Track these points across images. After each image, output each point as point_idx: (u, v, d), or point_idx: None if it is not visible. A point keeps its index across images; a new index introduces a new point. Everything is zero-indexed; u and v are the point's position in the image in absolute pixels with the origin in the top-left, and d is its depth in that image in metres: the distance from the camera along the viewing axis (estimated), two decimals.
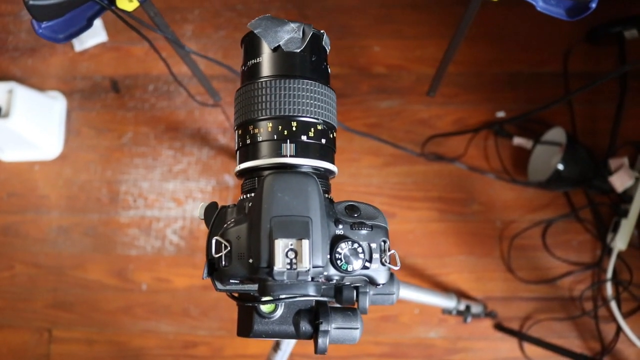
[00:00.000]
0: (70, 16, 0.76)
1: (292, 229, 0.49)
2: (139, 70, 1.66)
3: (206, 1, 1.69)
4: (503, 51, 1.60)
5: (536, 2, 0.75)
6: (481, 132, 1.55)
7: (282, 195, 0.50)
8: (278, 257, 0.48)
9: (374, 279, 0.53)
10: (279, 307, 0.61)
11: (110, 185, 1.59)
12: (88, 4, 0.76)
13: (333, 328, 0.60)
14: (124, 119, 1.63)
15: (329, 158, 0.56)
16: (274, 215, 0.49)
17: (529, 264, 1.47)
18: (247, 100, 0.55)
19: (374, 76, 1.62)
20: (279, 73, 0.55)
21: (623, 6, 1.55)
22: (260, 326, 0.61)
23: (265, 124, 0.54)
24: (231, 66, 1.09)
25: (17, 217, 1.59)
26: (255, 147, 0.54)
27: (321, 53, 0.58)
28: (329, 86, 0.57)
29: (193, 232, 1.55)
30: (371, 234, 0.53)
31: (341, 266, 0.51)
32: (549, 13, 0.75)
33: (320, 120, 0.55)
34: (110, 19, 1.69)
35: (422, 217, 1.52)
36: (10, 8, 1.73)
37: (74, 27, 0.78)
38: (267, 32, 0.55)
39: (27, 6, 0.70)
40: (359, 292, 0.68)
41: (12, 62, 1.68)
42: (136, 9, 0.81)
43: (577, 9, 0.73)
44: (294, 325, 0.61)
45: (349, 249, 0.51)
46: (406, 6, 1.66)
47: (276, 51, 0.55)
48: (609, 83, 1.54)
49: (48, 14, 0.74)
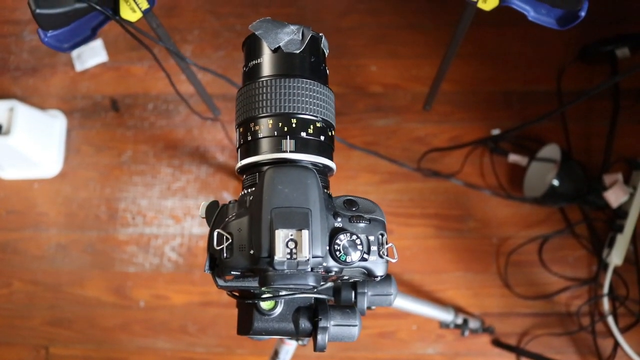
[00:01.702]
0: (75, 26, 0.78)
1: (292, 219, 0.50)
2: (139, 90, 1.68)
3: (205, 22, 1.72)
4: (497, 70, 1.63)
5: (527, 12, 0.77)
6: (476, 150, 1.57)
7: (283, 187, 0.51)
8: (278, 247, 0.49)
9: (372, 271, 0.54)
10: (278, 304, 0.61)
11: (109, 202, 1.60)
12: (92, 14, 0.78)
13: (332, 325, 0.61)
14: (124, 137, 1.65)
15: (328, 155, 0.57)
16: (274, 207, 0.50)
17: (526, 279, 1.48)
18: (248, 98, 0.57)
19: (370, 95, 1.64)
20: (279, 72, 0.56)
21: (614, 25, 1.58)
22: (260, 323, 0.61)
23: (265, 120, 0.55)
24: (230, 78, 1.11)
25: (16, 235, 1.60)
26: (256, 143, 0.56)
27: (320, 55, 0.59)
28: (327, 86, 0.58)
29: (191, 249, 1.56)
30: (369, 227, 0.54)
31: (340, 257, 0.52)
32: (540, 22, 0.77)
33: (319, 117, 0.56)
34: (110, 39, 1.72)
35: (418, 233, 1.53)
36: (13, 29, 1.76)
37: (79, 36, 0.80)
38: (267, 34, 0.57)
39: (34, 15, 0.72)
40: (357, 292, 0.70)
41: (14, 81, 1.71)
42: (139, 19, 0.83)
43: (567, 17, 0.75)
44: (294, 323, 0.62)
45: (348, 240, 0.52)
46: (402, 27, 1.69)
47: (276, 52, 0.57)
48: (602, 101, 1.56)
49: (54, 23, 0.75)
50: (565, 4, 0.74)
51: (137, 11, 0.81)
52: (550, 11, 0.76)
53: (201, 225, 1.57)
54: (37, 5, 0.72)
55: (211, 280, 1.57)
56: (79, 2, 0.75)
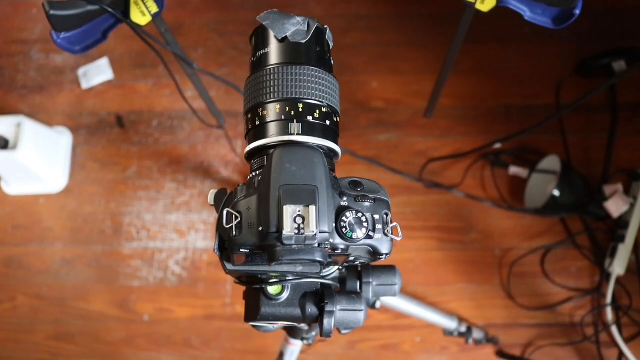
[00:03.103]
0: (87, 28, 0.80)
1: (300, 196, 0.51)
2: (144, 106, 1.71)
3: (210, 40, 1.76)
4: (497, 85, 1.66)
5: (524, 12, 0.80)
6: (477, 163, 1.58)
7: (290, 166, 0.53)
8: (287, 222, 0.50)
9: (378, 249, 0.55)
10: (285, 289, 0.62)
11: (114, 217, 1.62)
12: (104, 17, 0.80)
13: (338, 310, 0.62)
14: (129, 153, 1.67)
15: (333, 139, 0.59)
16: (282, 184, 0.52)
17: (529, 290, 1.48)
18: (256, 85, 0.58)
19: (372, 110, 1.67)
20: (286, 61, 0.58)
21: (610, 40, 1.61)
22: (267, 309, 0.62)
23: (273, 106, 0.57)
24: (235, 92, 1.13)
25: (21, 249, 1.61)
26: (263, 127, 0.57)
27: (325, 45, 0.61)
28: (332, 74, 0.60)
29: (195, 263, 1.56)
30: (374, 206, 0.55)
31: (346, 234, 0.53)
32: (537, 22, 0.80)
33: (324, 103, 0.58)
34: (116, 57, 1.76)
35: (421, 246, 1.54)
36: (21, 48, 1.79)
37: (90, 39, 0.82)
38: (274, 24, 0.59)
39: (47, 16, 0.75)
40: (362, 282, 0.71)
41: (21, 99, 1.73)
42: (149, 23, 0.85)
43: (563, 16, 0.78)
44: (300, 308, 0.62)
45: (354, 217, 0.53)
46: (402, 44, 1.72)
47: (283, 42, 0.59)
48: (601, 114, 1.58)
49: (67, 25, 0.78)
50: (560, 2, 0.76)
51: (146, 15, 0.83)
52: (546, 10, 0.78)
53: (205, 239, 1.58)
54: (51, 7, 0.75)
55: (215, 293, 1.59)
56: (91, 5, 0.77)
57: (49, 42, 1.79)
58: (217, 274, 1.55)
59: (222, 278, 1.54)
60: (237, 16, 1.80)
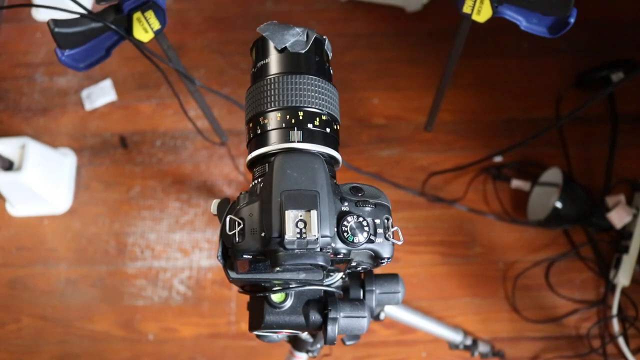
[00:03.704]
0: (91, 45, 0.82)
1: (301, 201, 0.52)
2: (147, 127, 1.72)
3: (211, 60, 1.78)
4: (497, 99, 1.67)
5: (520, 22, 0.81)
6: (479, 177, 1.59)
7: (292, 171, 0.53)
8: (289, 227, 0.51)
9: (379, 253, 0.55)
10: (289, 297, 0.63)
11: (118, 237, 1.62)
12: (107, 34, 0.82)
13: (342, 317, 0.62)
14: (132, 173, 1.68)
15: (334, 146, 0.60)
16: (283, 190, 0.52)
17: (534, 303, 1.48)
18: (257, 95, 0.59)
19: (373, 126, 1.68)
20: (286, 70, 0.59)
21: (608, 53, 1.63)
22: (271, 317, 0.63)
23: (274, 114, 0.58)
24: (236, 112, 1.15)
25: (26, 270, 1.61)
26: (265, 135, 0.58)
27: (324, 55, 0.63)
28: (332, 84, 0.61)
29: (200, 282, 1.56)
30: (375, 210, 0.56)
31: (347, 238, 0.53)
32: (533, 32, 0.81)
33: (324, 111, 0.59)
34: (119, 79, 1.77)
35: (425, 260, 1.54)
36: (25, 72, 1.81)
37: (94, 56, 0.84)
38: (274, 35, 0.60)
39: (52, 33, 0.76)
40: (366, 290, 0.71)
41: (25, 121, 1.75)
42: (151, 40, 0.86)
43: (558, 25, 0.79)
44: (304, 315, 0.63)
45: (355, 222, 0.54)
46: (403, 60, 1.74)
47: (283, 52, 0.60)
48: (601, 126, 1.59)
49: (71, 42, 0.79)
50: (554, 11, 0.77)
51: (149, 31, 0.85)
52: (541, 20, 0.80)
53: (209, 257, 1.59)
54: (56, 25, 0.76)
55: (220, 312, 1.59)
56: (94, 22, 0.79)
57: (52, 64, 1.81)
58: (222, 292, 1.55)
59: (226, 296, 1.54)
60: (238, 36, 1.82)
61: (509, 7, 0.80)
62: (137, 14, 0.81)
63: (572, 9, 0.77)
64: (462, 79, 1.68)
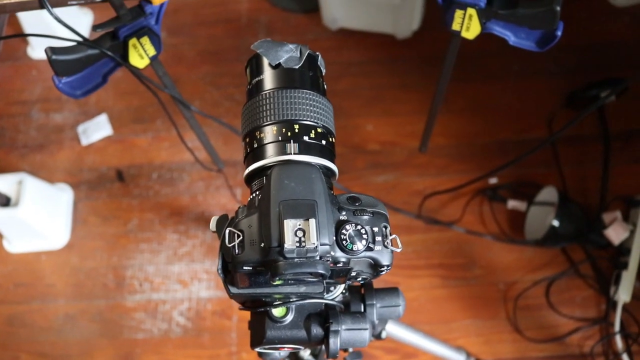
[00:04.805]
0: (88, 72, 0.83)
1: (300, 210, 0.52)
2: (143, 160, 1.73)
3: (206, 93, 1.80)
4: (490, 122, 1.69)
5: (508, 37, 0.82)
6: (475, 199, 1.60)
7: (289, 182, 0.54)
8: (288, 236, 0.51)
9: (379, 261, 0.56)
10: (290, 311, 0.63)
11: (116, 270, 1.62)
12: (104, 61, 0.83)
13: (343, 329, 0.62)
14: (129, 206, 1.68)
15: (330, 158, 0.60)
16: (281, 200, 0.53)
17: (536, 323, 1.47)
18: (253, 110, 0.60)
19: (368, 153, 1.69)
20: (280, 85, 0.60)
21: (597, 73, 1.65)
22: (273, 332, 0.62)
23: (270, 128, 0.59)
24: (232, 126, 1.16)
25: (24, 307, 1.60)
26: (261, 149, 0.59)
27: (317, 71, 0.64)
28: (326, 98, 0.62)
29: (199, 313, 1.55)
30: (372, 219, 0.56)
31: (346, 246, 0.54)
32: (521, 46, 0.82)
33: (320, 124, 0.60)
34: (115, 113, 1.79)
35: (425, 284, 1.54)
36: (21, 109, 1.83)
37: (91, 83, 0.85)
38: (268, 52, 0.61)
39: (50, 61, 0.77)
40: (366, 304, 0.71)
41: (22, 158, 1.76)
42: (147, 66, 0.88)
43: (545, 39, 0.81)
44: (305, 330, 0.63)
45: (353, 230, 0.54)
46: (395, 86, 1.76)
47: (277, 68, 0.61)
48: (594, 145, 1.61)
49: (68, 69, 0.80)
50: (541, 25, 0.79)
51: (144, 57, 0.86)
52: (529, 34, 0.81)
53: (208, 288, 1.58)
54: (53, 52, 0.78)
55: (221, 342, 1.58)
56: (91, 49, 0.80)
57: (48, 101, 1.83)
58: (222, 322, 1.54)
59: (227, 327, 1.53)
60: (231, 69, 1.85)
61: (496, 22, 0.82)
62: (133, 40, 0.83)
63: (558, 22, 0.79)
64: (454, 104, 1.71)
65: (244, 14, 1.94)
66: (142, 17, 0.83)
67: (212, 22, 1.93)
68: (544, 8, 0.77)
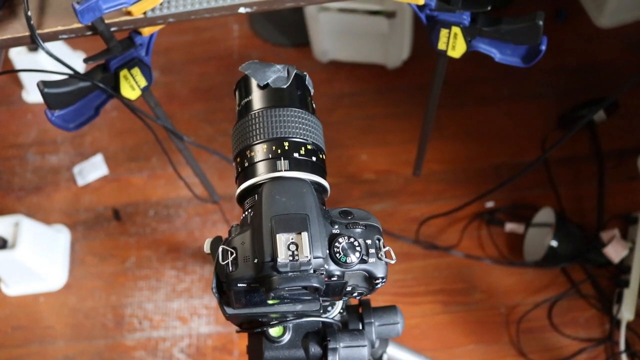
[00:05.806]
0: (80, 105, 0.84)
1: (292, 224, 0.52)
2: (139, 198, 1.74)
3: (200, 129, 1.81)
4: (483, 147, 1.70)
5: (494, 54, 0.84)
6: (473, 223, 1.60)
7: (280, 197, 0.54)
8: (280, 250, 0.51)
9: (373, 273, 0.55)
10: (287, 331, 0.62)
11: (115, 309, 1.60)
12: (95, 93, 0.84)
13: (341, 347, 0.62)
14: (127, 244, 1.68)
15: (321, 174, 0.61)
16: (273, 215, 0.53)
17: (540, 345, 1.46)
18: (242, 130, 0.61)
19: (364, 182, 1.70)
20: (269, 105, 0.61)
21: (587, 92, 1.67)
22: (270, 352, 0.62)
23: (260, 146, 0.59)
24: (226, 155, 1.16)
25: (22, 350, 1.58)
26: (252, 167, 0.59)
27: (305, 90, 0.65)
28: (315, 116, 0.63)
29: (200, 349, 1.54)
30: (365, 232, 0.56)
31: (340, 259, 0.54)
32: (507, 62, 0.84)
33: (309, 141, 0.60)
34: (110, 154, 1.80)
35: (426, 311, 1.53)
36: (16, 152, 1.84)
37: (83, 116, 0.86)
38: (256, 73, 0.62)
39: (42, 94, 0.78)
40: (365, 323, 0.71)
41: (18, 200, 1.76)
42: (139, 97, 0.89)
43: (530, 54, 0.82)
44: (303, 349, 0.62)
45: (346, 242, 0.54)
46: (388, 116, 1.77)
47: (265, 88, 0.62)
48: (588, 165, 1.62)
49: (60, 102, 0.81)
50: (526, 40, 0.80)
51: (136, 89, 0.87)
52: (514, 50, 0.83)
53: (208, 324, 1.57)
54: (45, 86, 0.78)
55: None
56: (83, 81, 0.81)
57: (44, 144, 1.84)
58: (223, 358, 1.52)
59: None
60: (224, 105, 1.86)
61: (482, 40, 0.83)
62: (124, 71, 0.84)
63: (542, 37, 0.80)
64: (448, 130, 1.72)
65: (235, 50, 1.96)
66: (132, 48, 0.85)
67: (204, 59, 1.96)
68: (527, 23, 0.78)
